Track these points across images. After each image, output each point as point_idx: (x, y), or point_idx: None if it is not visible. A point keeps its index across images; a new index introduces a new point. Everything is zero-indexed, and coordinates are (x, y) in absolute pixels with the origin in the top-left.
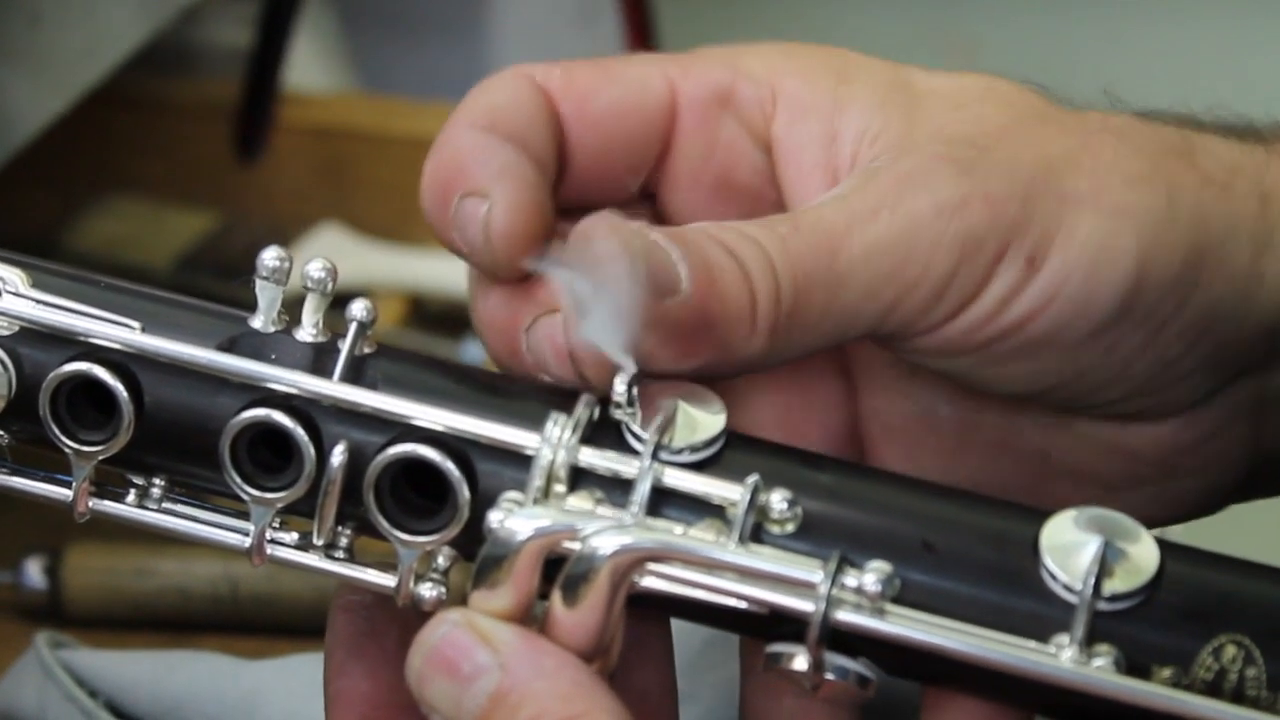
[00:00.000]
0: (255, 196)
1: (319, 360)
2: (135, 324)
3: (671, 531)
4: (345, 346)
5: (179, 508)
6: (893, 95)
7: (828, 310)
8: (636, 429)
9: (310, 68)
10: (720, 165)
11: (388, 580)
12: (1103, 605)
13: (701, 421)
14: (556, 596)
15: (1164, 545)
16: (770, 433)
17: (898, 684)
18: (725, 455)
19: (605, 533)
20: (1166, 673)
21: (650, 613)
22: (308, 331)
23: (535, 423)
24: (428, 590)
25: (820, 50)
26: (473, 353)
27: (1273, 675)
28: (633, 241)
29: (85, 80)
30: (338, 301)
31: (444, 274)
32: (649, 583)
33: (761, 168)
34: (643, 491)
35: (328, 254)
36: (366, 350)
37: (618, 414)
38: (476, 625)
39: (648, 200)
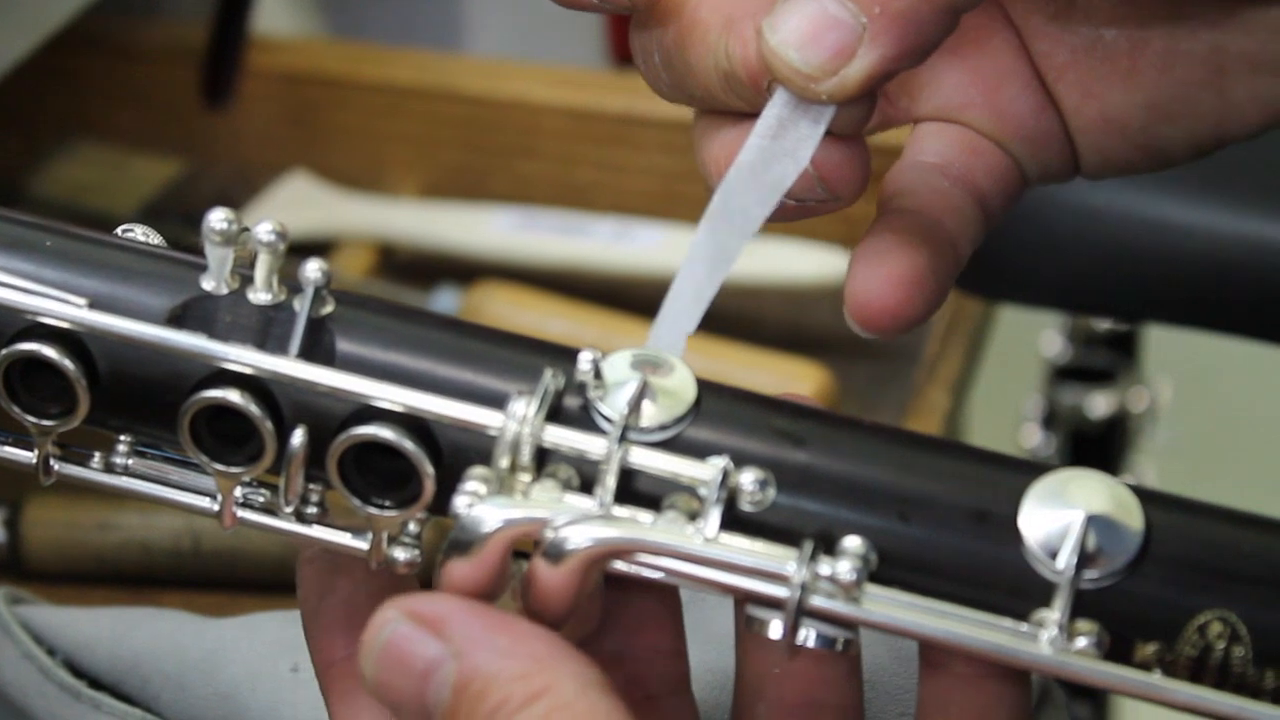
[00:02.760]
0: (223, 143)
1: (274, 325)
2: (81, 300)
3: (639, 521)
4: (301, 314)
5: (146, 470)
6: None
7: None
8: (604, 409)
9: (280, 12)
10: None
11: (360, 544)
12: (1085, 584)
13: (670, 396)
14: (527, 571)
15: (1148, 501)
16: (971, 106)
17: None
18: (695, 430)
19: (573, 525)
20: (1151, 649)
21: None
22: (262, 295)
23: (504, 377)
24: (401, 553)
25: None
26: (443, 303)
27: (1259, 651)
28: None
29: (51, 23)
30: (306, 250)
31: (414, 222)
32: (621, 566)
33: None
34: (611, 477)
35: (296, 201)
36: (325, 311)
37: (587, 393)
38: (421, 614)
39: None
